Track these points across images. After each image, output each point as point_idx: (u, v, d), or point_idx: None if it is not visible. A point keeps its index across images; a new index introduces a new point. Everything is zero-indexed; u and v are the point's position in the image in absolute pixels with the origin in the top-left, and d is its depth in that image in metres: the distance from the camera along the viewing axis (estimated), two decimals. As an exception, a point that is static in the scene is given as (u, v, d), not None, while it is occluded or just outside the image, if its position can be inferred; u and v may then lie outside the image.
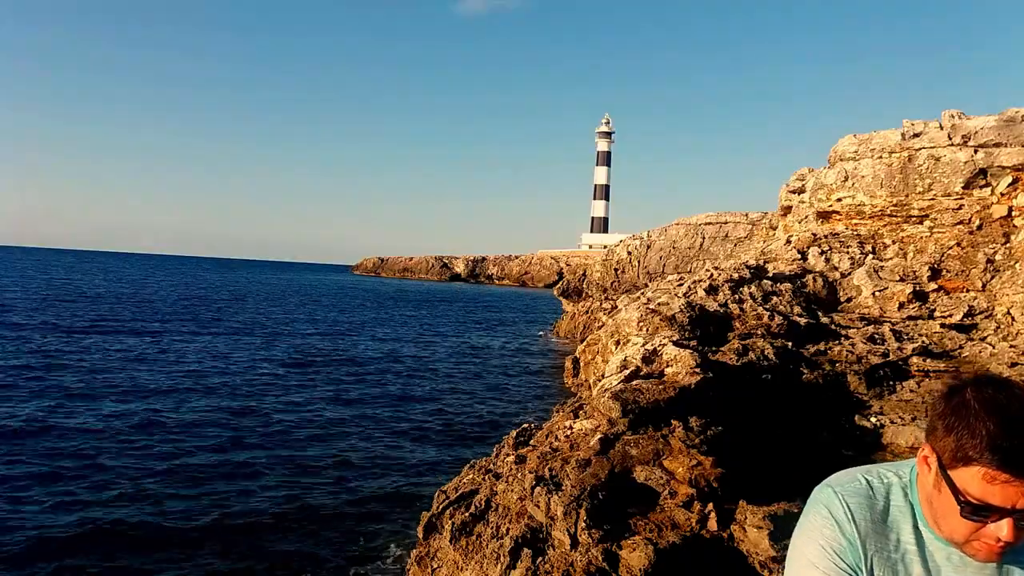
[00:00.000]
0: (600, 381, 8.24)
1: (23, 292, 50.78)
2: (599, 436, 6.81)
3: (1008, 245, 11.99)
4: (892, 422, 8.51)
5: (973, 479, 1.40)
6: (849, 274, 12.85)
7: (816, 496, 1.63)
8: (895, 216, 13.67)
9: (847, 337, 10.35)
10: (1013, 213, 12.29)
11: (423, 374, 23.62)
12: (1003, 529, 1.40)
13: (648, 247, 40.43)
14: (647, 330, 9.31)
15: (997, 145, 12.42)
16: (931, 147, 13.15)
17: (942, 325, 10.81)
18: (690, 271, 26.59)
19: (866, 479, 1.62)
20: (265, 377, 21.33)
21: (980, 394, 1.43)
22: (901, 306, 11.66)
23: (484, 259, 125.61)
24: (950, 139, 12.96)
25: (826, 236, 14.30)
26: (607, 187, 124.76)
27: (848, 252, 13.50)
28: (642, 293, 13.89)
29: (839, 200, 14.56)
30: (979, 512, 1.41)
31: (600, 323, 17.36)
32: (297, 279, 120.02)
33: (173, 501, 10.59)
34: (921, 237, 13.25)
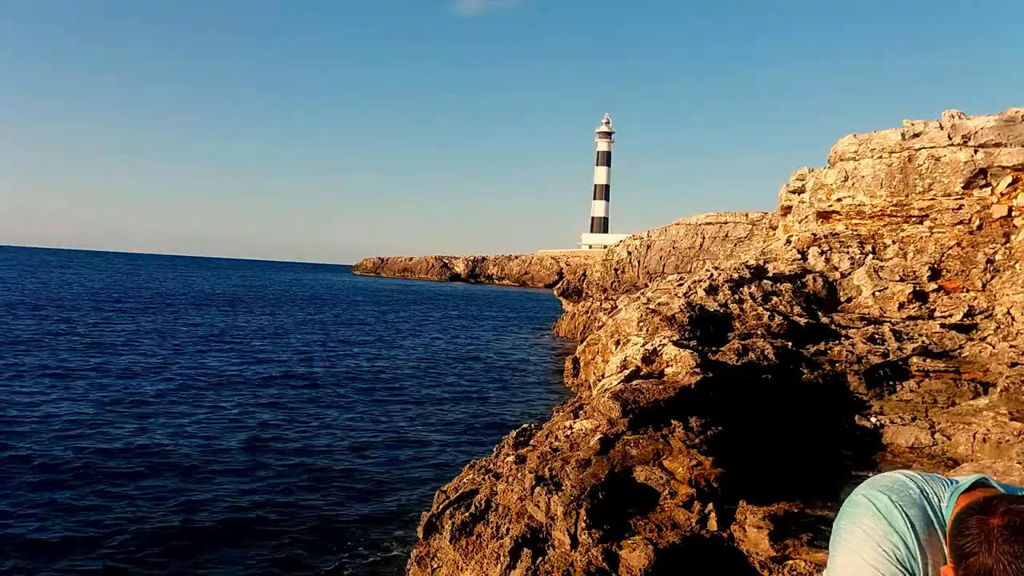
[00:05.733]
0: (600, 381, 8.24)
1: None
2: (599, 436, 6.81)
3: (1008, 245, 11.99)
4: (892, 422, 8.51)
5: None
6: (849, 274, 12.85)
7: (870, 500, 1.57)
8: (895, 216, 13.67)
9: (847, 337, 10.36)
10: (1013, 213, 12.30)
11: (422, 374, 23.62)
12: None
13: (648, 247, 40.45)
14: (647, 330, 9.32)
15: (997, 145, 12.42)
16: (931, 147, 13.15)
17: (942, 325, 10.81)
18: (690, 271, 26.60)
19: (920, 489, 1.58)
20: (262, 378, 21.33)
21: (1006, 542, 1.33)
22: (901, 306, 11.66)
23: (484, 259, 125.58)
24: (950, 139, 12.96)
25: (826, 236, 14.30)
26: (607, 187, 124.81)
27: (848, 252, 13.50)
28: (642, 293, 13.89)
29: (839, 200, 14.56)
30: None
31: (600, 323, 17.37)
32: (299, 281, 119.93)
33: (170, 501, 10.59)
34: (921, 237, 13.24)
